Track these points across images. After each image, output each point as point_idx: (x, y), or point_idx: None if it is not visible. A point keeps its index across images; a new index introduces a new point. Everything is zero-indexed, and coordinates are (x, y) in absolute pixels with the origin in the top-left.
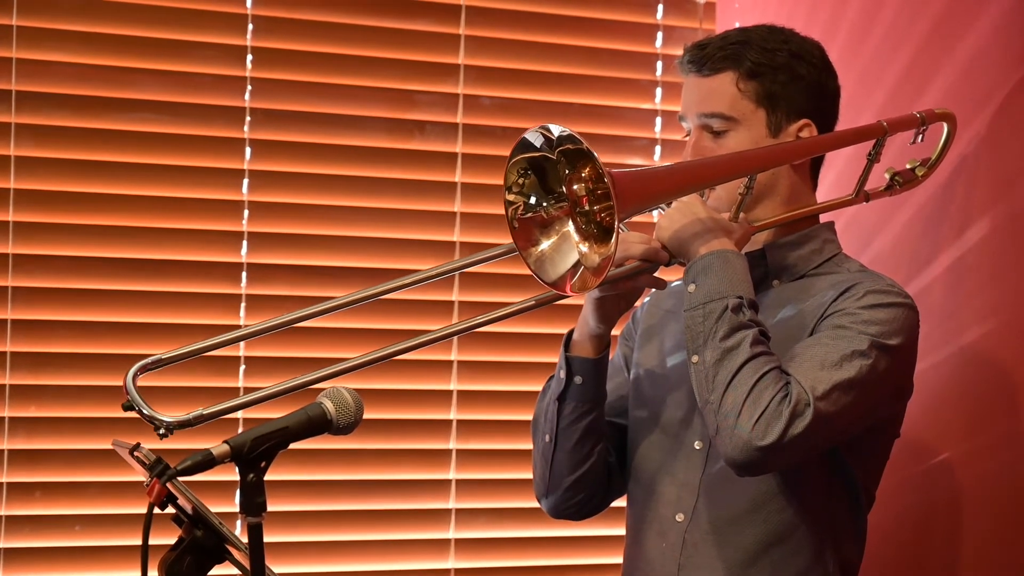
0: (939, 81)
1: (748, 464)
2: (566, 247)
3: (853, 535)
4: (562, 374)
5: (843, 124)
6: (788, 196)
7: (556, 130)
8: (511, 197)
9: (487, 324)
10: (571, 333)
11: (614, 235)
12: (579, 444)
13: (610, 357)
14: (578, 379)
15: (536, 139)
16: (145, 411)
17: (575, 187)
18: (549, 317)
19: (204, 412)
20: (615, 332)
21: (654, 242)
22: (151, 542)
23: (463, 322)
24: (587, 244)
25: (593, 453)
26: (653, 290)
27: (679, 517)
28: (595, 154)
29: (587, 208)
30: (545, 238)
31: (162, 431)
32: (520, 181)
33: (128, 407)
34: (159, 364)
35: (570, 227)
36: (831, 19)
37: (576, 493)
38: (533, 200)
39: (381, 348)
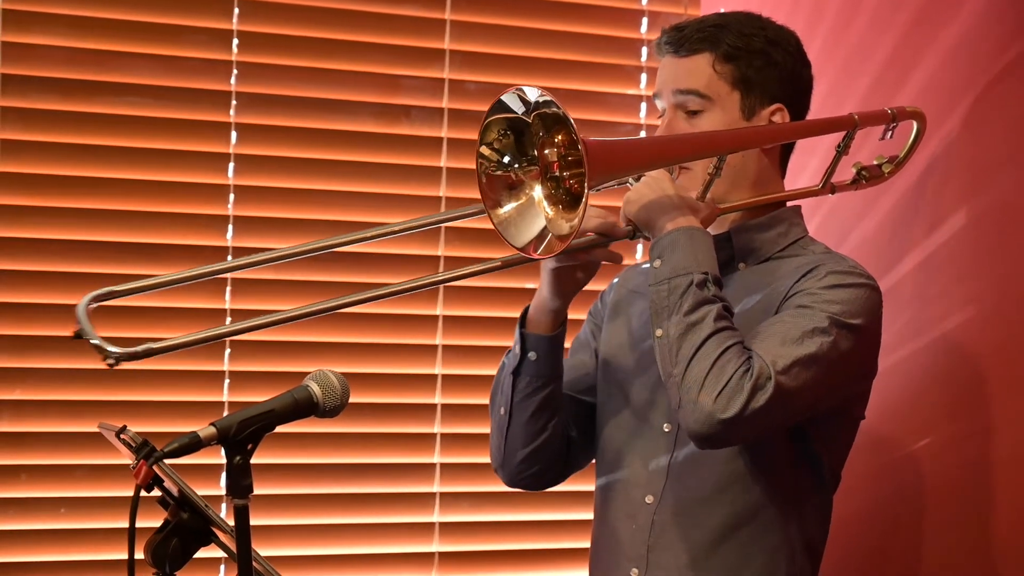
0: (921, 72)
1: (710, 437)
2: (533, 211)
3: (818, 515)
4: (517, 349)
5: (825, 114)
6: (756, 180)
7: (533, 93)
8: (486, 152)
9: (453, 280)
10: (527, 309)
11: (583, 202)
12: (533, 418)
13: (573, 339)
14: (532, 355)
15: (512, 101)
16: (94, 340)
17: (547, 152)
18: None
19: (153, 346)
20: (582, 316)
21: (610, 216)
22: (137, 525)
23: (425, 277)
24: (555, 210)
25: (547, 427)
26: (623, 269)
27: (648, 499)
28: (571, 119)
29: (558, 174)
30: (513, 200)
31: (110, 361)
32: (498, 139)
33: (78, 336)
34: (112, 295)
35: (538, 191)
36: (815, 8)
37: (530, 465)
38: (506, 160)
39: (340, 297)
